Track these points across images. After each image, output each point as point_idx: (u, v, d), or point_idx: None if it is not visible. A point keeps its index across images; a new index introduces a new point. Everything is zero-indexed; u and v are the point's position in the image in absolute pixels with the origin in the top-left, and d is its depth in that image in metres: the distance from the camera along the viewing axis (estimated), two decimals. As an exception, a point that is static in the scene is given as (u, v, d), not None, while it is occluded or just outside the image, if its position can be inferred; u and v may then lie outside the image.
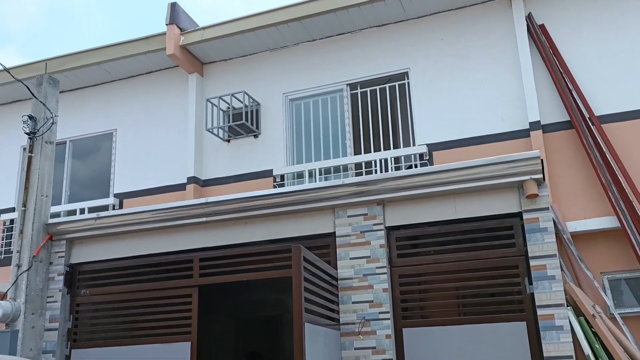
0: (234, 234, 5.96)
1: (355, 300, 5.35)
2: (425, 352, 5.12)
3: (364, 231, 5.52)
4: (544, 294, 4.83)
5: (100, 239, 6.41)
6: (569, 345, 4.65)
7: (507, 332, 4.95)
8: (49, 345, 6.12)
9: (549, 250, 4.91)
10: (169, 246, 6.14)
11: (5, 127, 9.77)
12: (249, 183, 8.18)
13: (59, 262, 6.38)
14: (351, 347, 5.22)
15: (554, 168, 6.82)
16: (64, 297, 6.29)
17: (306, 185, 5.84)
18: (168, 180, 8.58)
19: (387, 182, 5.47)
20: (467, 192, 5.31)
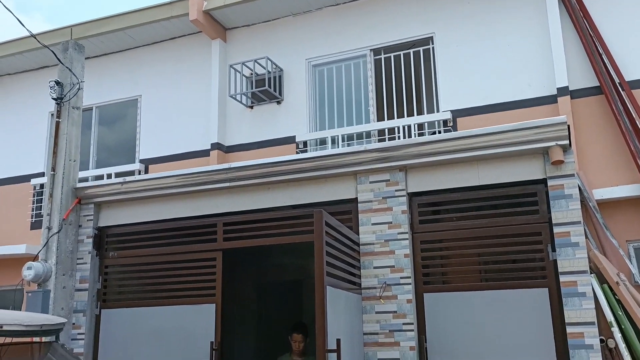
0: (257, 199, 6.02)
1: (377, 265, 5.39)
2: (445, 317, 5.17)
3: (386, 197, 5.52)
4: (567, 261, 4.80)
5: (126, 203, 6.54)
6: (591, 312, 4.64)
7: (528, 299, 4.95)
8: (79, 305, 6.34)
9: (574, 217, 4.86)
10: (194, 211, 6.24)
11: (32, 93, 9.94)
12: (272, 149, 8.22)
13: (87, 225, 6.54)
14: (372, 311, 5.29)
15: (581, 135, 6.70)
16: (93, 259, 6.47)
17: (329, 150, 5.85)
18: (192, 146, 8.68)
19: (409, 148, 5.44)
20: (490, 158, 5.25)
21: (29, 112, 9.95)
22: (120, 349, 6.13)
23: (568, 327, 4.69)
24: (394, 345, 5.15)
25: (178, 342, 5.93)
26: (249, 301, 8.79)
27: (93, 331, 6.30)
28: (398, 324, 5.18)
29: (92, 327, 6.31)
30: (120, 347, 6.14)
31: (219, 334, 5.81)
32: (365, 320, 5.29)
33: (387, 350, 5.16)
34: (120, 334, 6.19)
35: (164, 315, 6.06)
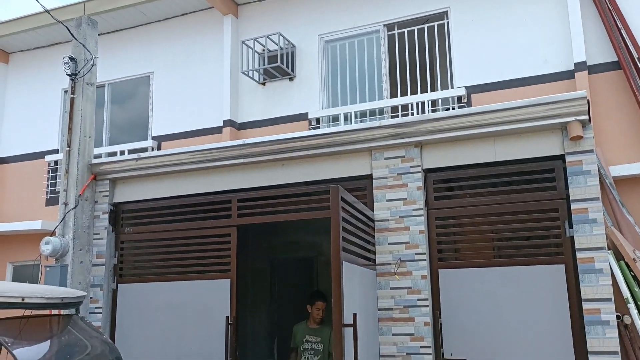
0: (270, 176, 6.02)
1: (392, 242, 5.39)
2: (460, 293, 5.18)
3: (401, 173, 5.50)
4: (584, 237, 4.78)
5: (141, 179, 6.57)
6: (608, 288, 4.63)
7: (544, 275, 4.94)
8: (96, 280, 6.41)
9: (592, 194, 4.81)
10: (208, 187, 6.25)
11: (45, 70, 9.94)
12: (285, 126, 8.20)
13: (103, 201, 6.59)
14: (387, 287, 5.31)
15: (598, 111, 6.62)
16: (109, 235, 6.53)
17: (343, 127, 5.82)
18: (204, 123, 8.67)
19: (425, 124, 5.40)
20: (507, 134, 5.20)
21: (42, 89, 9.96)
22: (137, 323, 6.22)
23: (584, 303, 4.68)
24: (409, 321, 5.18)
25: (193, 316, 6.01)
26: (262, 277, 8.86)
27: (110, 305, 6.39)
28: (413, 300, 5.20)
29: (109, 302, 6.39)
30: (136, 321, 6.23)
31: (234, 308, 5.87)
32: (380, 296, 5.32)
33: (402, 326, 5.19)
34: (136, 308, 6.27)
35: (179, 290, 6.12)
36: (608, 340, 4.55)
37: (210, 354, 5.82)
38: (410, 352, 5.11)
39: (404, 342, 5.14)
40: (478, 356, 5.01)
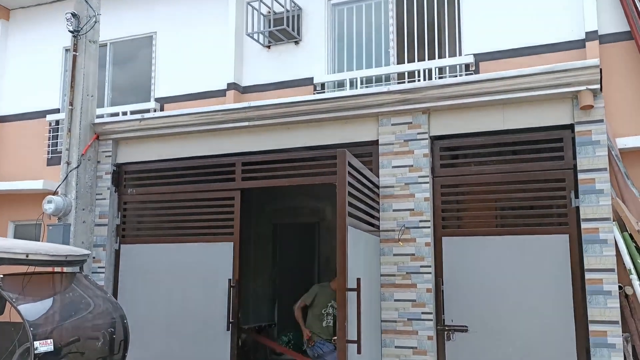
0: (275, 139, 5.97)
1: (396, 208, 5.38)
2: (463, 261, 5.19)
3: (407, 140, 5.45)
4: (590, 208, 4.76)
5: (144, 140, 6.52)
6: (612, 259, 4.63)
7: (548, 244, 4.94)
8: (99, 240, 6.42)
9: (600, 164, 4.78)
10: (212, 149, 6.21)
11: (47, 27, 9.75)
12: (289, 91, 8.09)
13: (106, 161, 6.55)
14: (390, 253, 5.32)
15: (608, 81, 6.50)
16: (112, 195, 6.51)
17: (350, 91, 5.74)
18: (208, 86, 8.55)
19: (433, 90, 5.33)
20: (516, 102, 5.14)
21: (43, 47, 9.78)
22: (140, 283, 6.26)
23: (587, 273, 4.69)
24: (411, 287, 5.20)
25: (196, 278, 6.04)
26: (264, 241, 8.90)
27: (113, 265, 6.42)
28: (416, 267, 5.22)
29: (112, 261, 6.42)
30: (139, 281, 6.27)
31: (237, 271, 5.91)
32: (383, 262, 5.33)
33: (404, 292, 5.21)
34: (139, 268, 6.30)
35: (182, 252, 6.14)
36: (609, 310, 4.58)
37: (213, 315, 5.87)
38: (411, 317, 5.15)
39: (406, 308, 5.18)
40: (479, 323, 5.05)
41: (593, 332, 4.60)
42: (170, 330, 6.04)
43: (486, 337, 5.01)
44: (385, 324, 5.22)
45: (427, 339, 5.08)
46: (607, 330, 4.56)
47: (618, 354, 4.50)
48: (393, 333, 5.18)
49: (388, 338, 5.18)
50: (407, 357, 5.09)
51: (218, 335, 5.81)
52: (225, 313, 5.80)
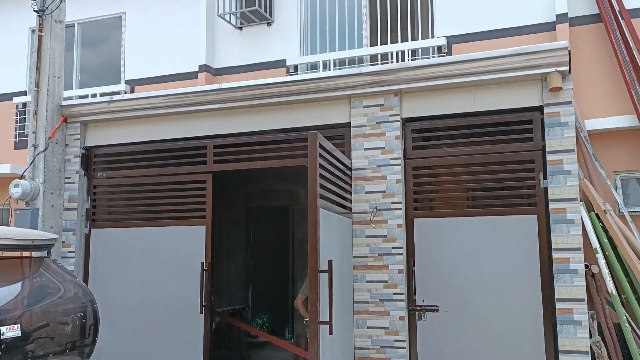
0: (247, 122, 5.92)
1: (368, 190, 5.40)
2: (435, 242, 5.24)
3: (379, 122, 5.46)
4: (558, 189, 4.84)
5: (114, 122, 6.40)
6: (578, 238, 4.73)
7: (517, 225, 5.02)
8: (68, 224, 6.32)
9: (568, 145, 4.85)
10: (183, 132, 6.13)
11: (12, 7, 9.46)
12: (262, 73, 8.02)
13: (74, 144, 6.42)
14: (362, 235, 5.35)
15: (577, 64, 6.60)
16: (81, 179, 6.40)
17: (322, 73, 5.70)
18: (179, 68, 8.44)
19: (405, 72, 5.32)
20: (487, 84, 5.17)
21: (8, 28, 9.51)
22: (111, 268, 6.19)
23: (555, 252, 4.78)
24: (383, 268, 5.24)
25: (169, 262, 6.00)
26: (237, 225, 8.87)
27: (83, 250, 6.33)
28: (387, 248, 5.26)
29: (82, 246, 6.32)
30: (111, 265, 6.20)
31: (209, 254, 5.88)
32: (356, 244, 5.35)
33: (376, 273, 5.25)
34: (110, 253, 6.22)
35: (154, 236, 6.08)
36: (575, 288, 4.68)
37: (186, 298, 5.85)
38: (383, 298, 5.20)
39: (378, 289, 5.22)
40: (449, 303, 5.13)
41: (560, 310, 4.70)
42: (143, 314, 6.00)
43: (456, 316, 5.09)
44: (357, 305, 5.26)
45: (398, 319, 5.14)
46: (574, 307, 4.67)
47: (584, 331, 4.61)
48: (365, 314, 5.23)
49: (360, 319, 5.23)
50: (379, 338, 5.15)
51: (191, 319, 5.79)
52: (198, 296, 5.79)
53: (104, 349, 5.97)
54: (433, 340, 5.12)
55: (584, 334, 4.62)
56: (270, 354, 8.28)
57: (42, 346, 3.88)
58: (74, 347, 4.06)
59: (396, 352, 5.09)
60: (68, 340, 4.04)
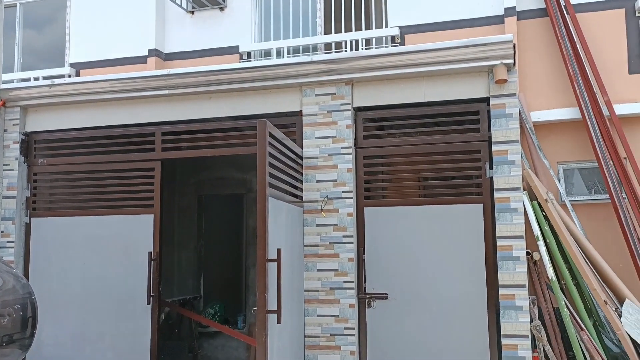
0: (197, 109, 5.81)
1: (320, 179, 5.40)
2: (385, 231, 5.30)
3: (331, 111, 5.45)
4: (502, 178, 4.96)
5: (56, 107, 6.16)
6: (521, 226, 4.87)
7: (464, 214, 5.13)
8: (7, 213, 6.07)
9: (512, 136, 4.98)
10: (130, 118, 5.96)
11: (-55, -16, 8.96)
12: (214, 59, 7.87)
13: (13, 129, 6.16)
14: (313, 224, 5.35)
15: (524, 56, 6.76)
16: (20, 166, 6.14)
17: (274, 60, 5.65)
18: (128, 51, 8.18)
19: (356, 61, 5.33)
20: (436, 74, 5.24)
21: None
22: (54, 259, 5.99)
23: (498, 240, 4.92)
24: (333, 257, 5.27)
25: (116, 252, 5.86)
26: (189, 213, 8.73)
27: (23, 239, 6.10)
28: (338, 237, 5.28)
29: (22, 236, 6.09)
30: (53, 256, 5.99)
31: (157, 244, 5.77)
32: (306, 232, 5.36)
33: (327, 262, 5.27)
34: (52, 242, 6.02)
35: (100, 225, 5.92)
36: (517, 274, 4.83)
37: (133, 289, 5.73)
38: (333, 287, 5.23)
39: (328, 277, 5.25)
40: (398, 291, 5.21)
41: (503, 296, 4.84)
42: (87, 306, 5.84)
43: (405, 303, 5.17)
44: (308, 293, 5.27)
45: (348, 307, 5.18)
46: (515, 293, 4.82)
47: (525, 316, 4.77)
48: (316, 302, 5.25)
49: (311, 307, 5.25)
50: (329, 325, 5.19)
51: (138, 310, 5.68)
52: (145, 287, 5.67)
53: (46, 341, 5.82)
54: (382, 327, 5.19)
55: (525, 319, 4.78)
56: (222, 343, 8.23)
57: (-22, 340, 3.73)
58: (11, 340, 3.92)
59: (346, 339, 5.14)
60: (5, 333, 3.90)
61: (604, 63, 6.42)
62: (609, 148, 6.02)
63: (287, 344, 4.74)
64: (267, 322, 4.12)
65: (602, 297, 5.12)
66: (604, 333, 5.42)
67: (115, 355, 5.71)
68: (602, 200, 6.21)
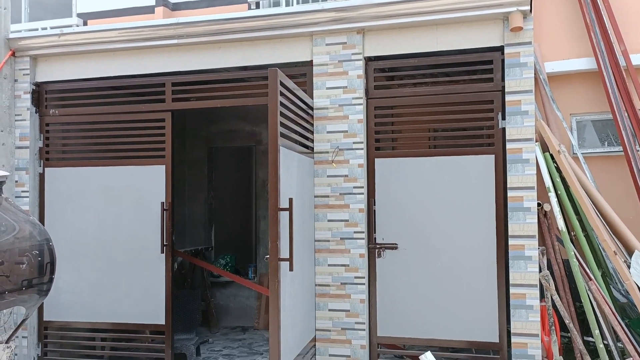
0: (207, 59, 5.74)
1: (330, 130, 5.38)
2: (395, 182, 5.31)
3: (342, 60, 5.38)
4: (515, 129, 4.92)
5: (66, 57, 6.12)
6: (532, 178, 4.86)
7: (475, 165, 5.11)
8: (21, 163, 6.12)
9: (526, 86, 4.90)
10: (140, 69, 5.91)
11: None
12: (222, 8, 7.75)
13: (24, 79, 6.13)
14: (324, 175, 5.36)
15: (539, 4, 6.58)
16: (32, 116, 6.15)
17: (284, 8, 5.53)
18: (135, 1, 8.06)
19: (367, 8, 5.22)
20: (450, 22, 5.13)
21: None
22: (69, 208, 6.07)
23: (509, 191, 4.91)
24: (344, 207, 5.30)
25: (128, 202, 5.92)
26: (199, 165, 8.78)
27: (37, 189, 6.16)
28: (349, 187, 5.30)
29: (36, 186, 6.16)
30: (68, 206, 6.08)
31: (170, 194, 5.83)
32: (317, 183, 5.38)
33: (337, 212, 5.31)
34: (66, 193, 6.09)
35: (112, 176, 5.97)
36: (528, 225, 4.85)
37: (147, 238, 5.82)
38: (344, 236, 5.28)
39: (339, 227, 5.30)
40: (408, 241, 5.25)
41: (512, 246, 4.88)
42: (103, 255, 5.95)
43: (415, 253, 5.23)
44: (318, 243, 5.34)
45: (358, 257, 5.24)
46: (525, 243, 4.85)
47: (533, 265, 4.82)
48: (326, 252, 5.32)
49: (321, 257, 5.32)
50: (340, 275, 5.27)
51: (152, 259, 5.79)
52: (158, 236, 5.77)
53: (64, 288, 5.97)
54: (392, 277, 5.27)
55: (534, 269, 4.82)
56: (234, 293, 8.42)
57: (-2, 285, 3.82)
58: (30, 285, 4.02)
59: (356, 288, 5.23)
60: (24, 278, 3.99)
61: (622, 11, 6.25)
62: (624, 99, 5.93)
63: (299, 292, 4.84)
64: (279, 270, 4.19)
65: (612, 248, 5.15)
66: (612, 284, 5.48)
67: (131, 302, 5.85)
68: (615, 152, 6.16)
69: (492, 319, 5.00)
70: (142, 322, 5.86)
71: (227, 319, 8.38)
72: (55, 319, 6.05)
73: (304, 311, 5.00)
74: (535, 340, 4.79)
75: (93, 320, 5.97)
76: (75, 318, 6.00)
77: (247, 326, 8.25)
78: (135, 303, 5.84)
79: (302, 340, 4.93)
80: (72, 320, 6.02)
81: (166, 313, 5.75)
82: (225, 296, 8.45)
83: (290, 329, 4.53)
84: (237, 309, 8.40)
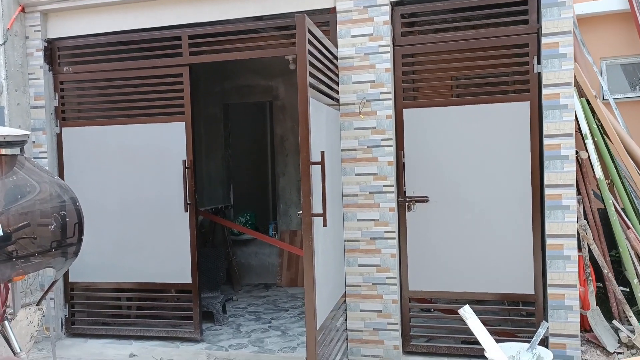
0: (223, 9, 5.48)
1: (356, 81, 5.16)
2: (425, 133, 5.12)
3: (366, 6, 5.11)
4: (552, 73, 4.69)
5: (77, 12, 5.86)
6: (571, 124, 4.65)
7: (509, 113, 4.90)
8: (37, 123, 5.96)
9: (564, 27, 4.64)
10: (155, 21, 5.66)
11: None
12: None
13: (35, 36, 5.90)
14: (350, 127, 5.18)
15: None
16: (46, 74, 5.95)
17: (304, -48, 5.24)
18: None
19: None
20: (482, -38, 4.84)
21: None
22: (88, 168, 5.94)
23: (546, 139, 4.72)
24: (372, 160, 5.14)
25: (149, 160, 5.79)
26: (214, 122, 8.62)
27: (56, 150, 6.03)
28: (377, 140, 5.12)
29: (54, 146, 6.02)
30: (87, 165, 5.95)
31: (191, 152, 5.69)
32: (344, 136, 5.20)
33: (365, 166, 5.15)
34: (85, 152, 5.95)
35: (131, 134, 5.81)
36: (565, 173, 4.67)
37: (169, 197, 5.71)
38: (373, 190, 5.14)
39: (367, 182, 5.15)
40: (439, 194, 5.10)
41: (549, 196, 4.72)
42: (125, 215, 5.86)
43: (446, 206, 5.09)
44: (346, 198, 5.20)
45: (388, 211, 5.11)
46: (562, 193, 4.68)
47: (572, 215, 4.67)
48: (355, 206, 5.19)
49: (350, 212, 5.19)
50: (369, 229, 5.15)
51: (176, 218, 5.69)
52: (180, 195, 5.65)
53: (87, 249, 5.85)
54: (423, 230, 5.14)
55: (572, 218, 4.67)
56: (255, 250, 8.37)
57: (25, 246, 3.72)
58: (59, 245, 3.91)
59: (386, 242, 5.12)
60: (52, 240, 3.88)
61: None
62: (662, 40, 5.67)
63: (330, 248, 4.73)
64: (312, 226, 4.07)
65: (650, 196, 5.00)
66: (648, 231, 5.35)
67: (156, 262, 5.79)
68: (649, 97, 5.95)
69: (527, 270, 4.89)
70: (168, 282, 5.81)
71: (249, 276, 8.37)
72: (80, 280, 6.01)
73: (334, 267, 4.91)
74: (572, 291, 4.69)
75: (118, 280, 5.93)
76: (100, 279, 5.96)
77: (269, 283, 8.23)
78: (160, 263, 5.78)
79: (334, 296, 4.86)
80: (97, 281, 5.98)
81: (192, 272, 5.69)
82: (247, 254, 8.40)
83: (324, 285, 4.45)
84: (259, 266, 8.37)
